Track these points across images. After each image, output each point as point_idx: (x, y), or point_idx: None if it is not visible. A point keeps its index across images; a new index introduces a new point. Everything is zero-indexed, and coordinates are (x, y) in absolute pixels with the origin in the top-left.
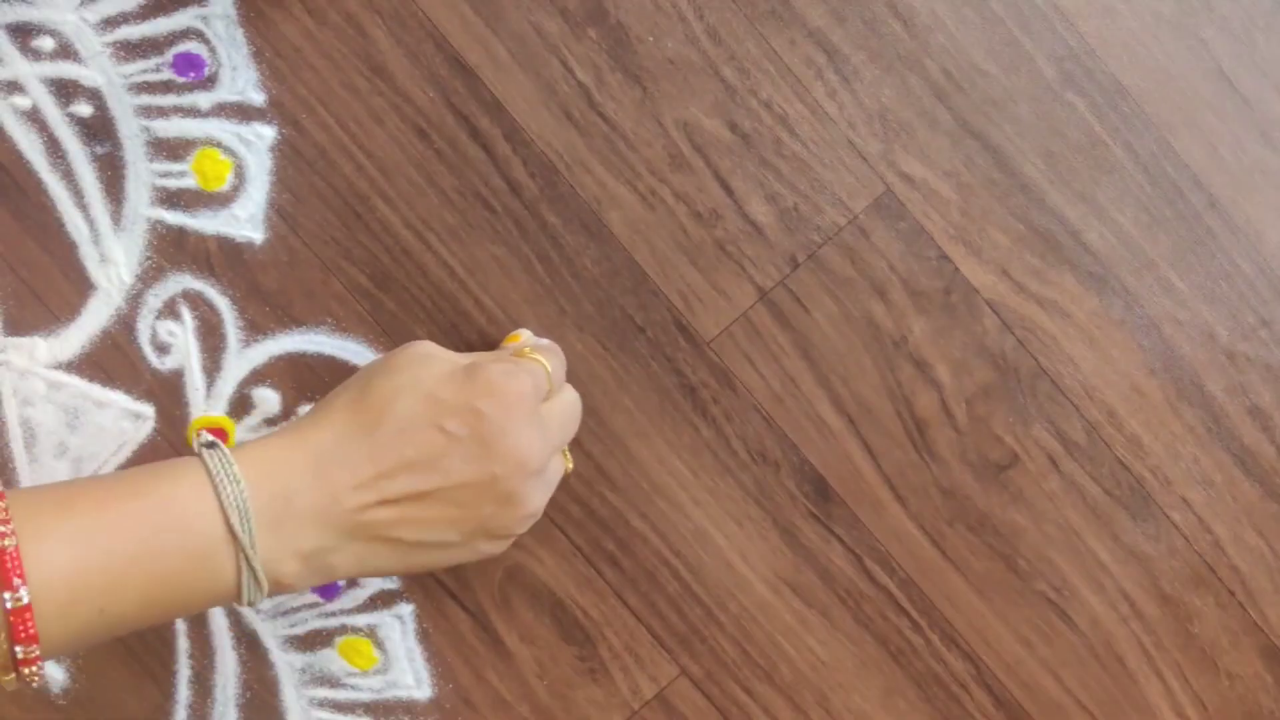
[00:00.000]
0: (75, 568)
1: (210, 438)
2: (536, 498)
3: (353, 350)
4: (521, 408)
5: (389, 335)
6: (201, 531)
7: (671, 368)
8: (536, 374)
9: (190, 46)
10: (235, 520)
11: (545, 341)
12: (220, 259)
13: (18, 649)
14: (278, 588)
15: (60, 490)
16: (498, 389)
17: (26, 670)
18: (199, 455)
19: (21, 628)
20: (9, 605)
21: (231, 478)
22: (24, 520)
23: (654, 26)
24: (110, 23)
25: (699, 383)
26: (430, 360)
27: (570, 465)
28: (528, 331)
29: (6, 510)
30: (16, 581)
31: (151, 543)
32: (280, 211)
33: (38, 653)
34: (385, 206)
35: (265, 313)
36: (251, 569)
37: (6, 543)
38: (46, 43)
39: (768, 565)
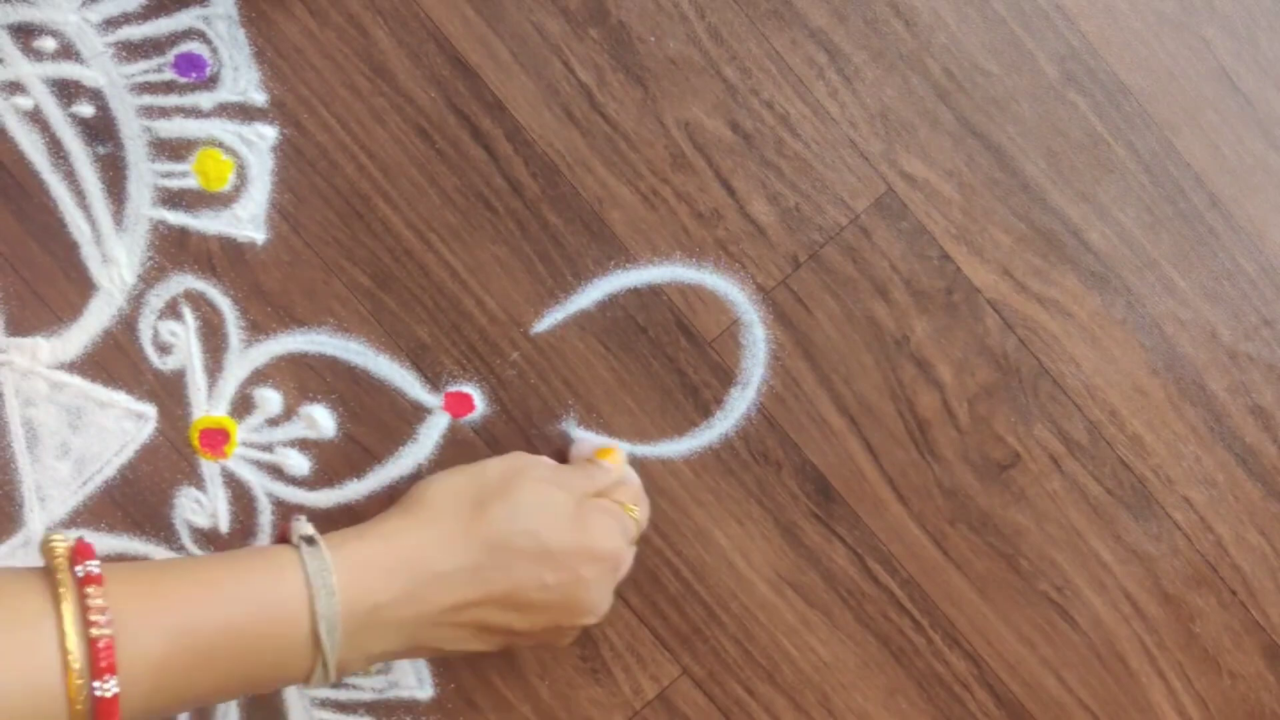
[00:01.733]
0: (164, 661)
1: (309, 531)
2: (591, 622)
3: (354, 350)
4: (615, 572)
5: (391, 335)
6: (288, 634)
7: (673, 368)
8: (631, 531)
9: (192, 47)
10: (324, 632)
11: (634, 481)
12: (222, 259)
13: None
14: (339, 677)
15: (157, 574)
16: (600, 552)
17: None
18: (299, 552)
19: (105, 716)
20: (97, 694)
21: (327, 590)
22: (121, 609)
23: (655, 26)
24: (112, 23)
25: (701, 383)
26: (547, 498)
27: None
28: (623, 454)
29: (105, 599)
30: (108, 676)
31: (238, 641)
32: (282, 212)
33: None
34: (387, 207)
35: (267, 313)
36: (326, 668)
37: (102, 633)
38: (48, 43)
39: (770, 565)
